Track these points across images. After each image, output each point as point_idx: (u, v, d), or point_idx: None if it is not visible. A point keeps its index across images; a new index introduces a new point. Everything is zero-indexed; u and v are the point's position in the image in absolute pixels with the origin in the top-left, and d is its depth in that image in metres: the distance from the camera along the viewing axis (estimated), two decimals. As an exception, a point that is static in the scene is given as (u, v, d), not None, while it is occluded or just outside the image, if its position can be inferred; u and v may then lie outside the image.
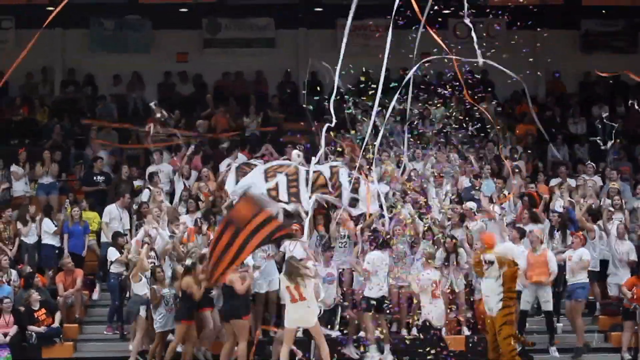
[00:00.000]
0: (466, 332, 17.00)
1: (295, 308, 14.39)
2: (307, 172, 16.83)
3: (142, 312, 15.96)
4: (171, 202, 19.27)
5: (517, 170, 20.85)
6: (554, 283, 16.84)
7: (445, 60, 15.83)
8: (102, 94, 25.51)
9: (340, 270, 16.64)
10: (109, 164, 21.66)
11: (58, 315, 16.98)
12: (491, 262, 14.89)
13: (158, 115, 21.31)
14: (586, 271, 16.84)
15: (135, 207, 19.07)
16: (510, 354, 14.83)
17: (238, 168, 17.50)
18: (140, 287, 16.04)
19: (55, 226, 18.69)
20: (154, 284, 15.91)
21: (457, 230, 17.47)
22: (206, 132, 23.11)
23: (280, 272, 15.91)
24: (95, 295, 18.63)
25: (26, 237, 18.61)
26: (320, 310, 14.92)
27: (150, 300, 15.84)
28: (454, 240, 16.96)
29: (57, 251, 18.61)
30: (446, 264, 16.85)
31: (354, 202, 16.86)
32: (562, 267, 17.18)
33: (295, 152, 17.97)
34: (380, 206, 16.40)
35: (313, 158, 16.74)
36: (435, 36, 14.62)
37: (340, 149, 18.51)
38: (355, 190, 16.85)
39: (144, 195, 19.32)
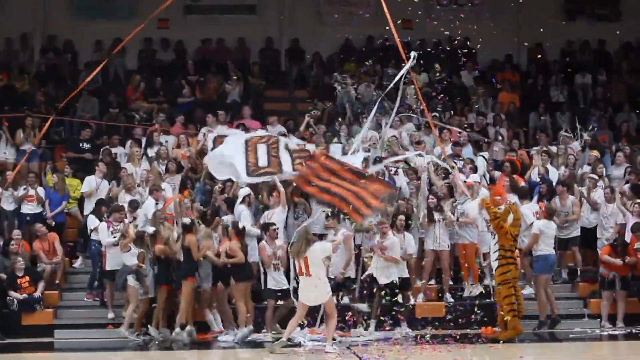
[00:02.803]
0: (449, 298, 17.11)
1: (305, 284, 14.35)
2: (286, 144, 17.02)
3: (132, 281, 15.93)
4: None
5: (500, 138, 20.91)
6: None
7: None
8: (83, 60, 25.29)
9: None
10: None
11: (41, 286, 16.92)
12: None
13: None
14: (545, 243, 16.52)
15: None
16: (508, 314, 14.98)
17: (215, 139, 17.63)
18: (130, 257, 16.01)
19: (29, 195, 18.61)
20: (141, 248, 15.98)
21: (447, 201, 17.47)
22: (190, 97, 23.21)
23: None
24: (76, 263, 18.58)
25: (4, 204, 18.52)
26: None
27: (138, 268, 15.89)
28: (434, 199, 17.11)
29: (27, 218, 18.44)
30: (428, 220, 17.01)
31: None
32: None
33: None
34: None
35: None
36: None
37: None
38: None
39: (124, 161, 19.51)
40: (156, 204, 17.19)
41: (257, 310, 16.11)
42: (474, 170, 18.32)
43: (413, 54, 16.01)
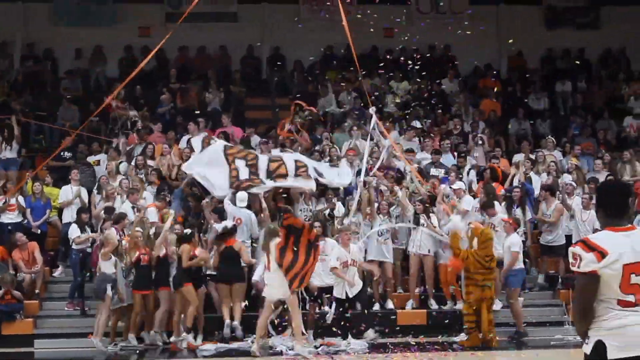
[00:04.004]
0: (434, 305, 17.09)
1: (268, 278, 14.66)
2: (269, 158, 17.15)
3: (109, 290, 15.82)
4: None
5: (480, 142, 20.94)
6: None
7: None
8: (64, 68, 25.22)
9: None
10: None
11: (17, 294, 16.78)
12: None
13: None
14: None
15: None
16: (467, 324, 15.40)
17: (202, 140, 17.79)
18: (109, 266, 15.87)
19: (4, 203, 18.47)
20: (115, 256, 15.98)
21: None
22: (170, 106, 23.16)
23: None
24: (57, 272, 18.48)
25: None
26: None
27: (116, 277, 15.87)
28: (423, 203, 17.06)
29: (9, 227, 18.27)
30: (414, 226, 16.98)
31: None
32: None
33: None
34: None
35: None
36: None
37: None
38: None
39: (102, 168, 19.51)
40: (132, 207, 17.22)
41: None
42: (458, 177, 18.40)
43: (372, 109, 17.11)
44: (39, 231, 18.44)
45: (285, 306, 15.23)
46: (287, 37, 25.94)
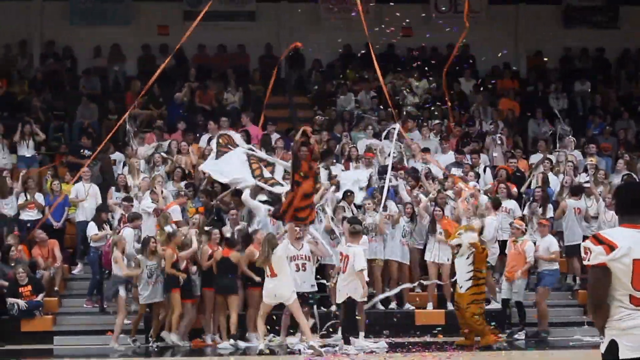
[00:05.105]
0: (451, 307, 17.02)
1: (269, 283, 14.66)
2: (284, 169, 17.28)
3: (122, 291, 15.85)
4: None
5: (498, 142, 20.91)
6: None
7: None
8: (82, 66, 25.29)
9: None
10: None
11: (42, 296, 16.83)
12: (459, 245, 15.26)
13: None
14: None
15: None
16: (480, 327, 15.30)
17: (218, 143, 17.82)
18: (120, 268, 15.88)
19: (28, 200, 18.54)
20: (141, 254, 15.92)
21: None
22: (186, 105, 23.19)
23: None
24: (76, 270, 18.54)
25: (5, 209, 18.46)
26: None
27: (130, 277, 15.88)
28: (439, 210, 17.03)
29: (28, 225, 18.29)
30: (431, 233, 16.99)
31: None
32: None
33: None
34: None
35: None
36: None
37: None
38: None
39: (120, 167, 19.68)
40: (152, 202, 17.33)
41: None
42: (476, 176, 18.41)
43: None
44: (59, 226, 18.48)
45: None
46: (305, 36, 25.90)
